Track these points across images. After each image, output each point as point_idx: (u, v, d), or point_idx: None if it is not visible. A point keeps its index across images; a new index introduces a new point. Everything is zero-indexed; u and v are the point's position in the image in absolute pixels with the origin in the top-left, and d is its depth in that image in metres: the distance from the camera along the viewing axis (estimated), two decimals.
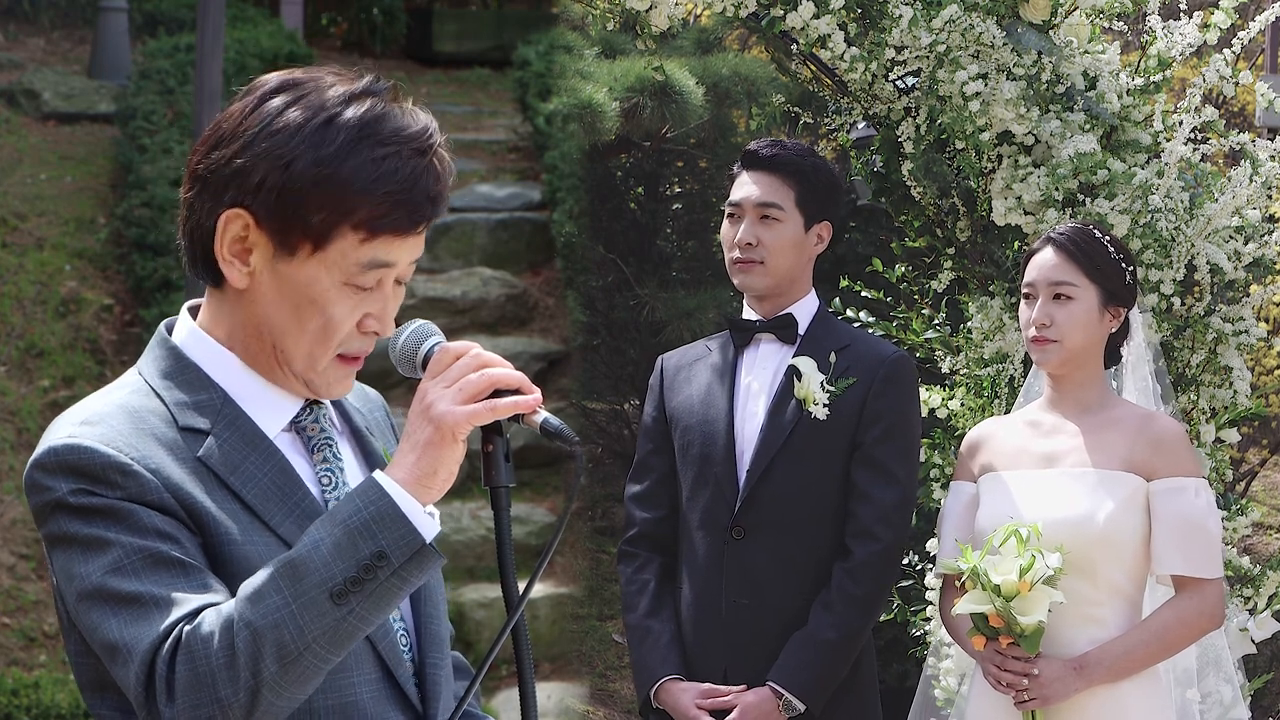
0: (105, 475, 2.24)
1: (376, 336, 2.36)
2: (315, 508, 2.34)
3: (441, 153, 2.33)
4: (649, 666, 4.23)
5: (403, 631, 2.43)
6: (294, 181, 2.27)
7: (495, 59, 14.71)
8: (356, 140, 2.27)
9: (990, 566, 3.71)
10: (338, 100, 2.30)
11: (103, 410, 2.32)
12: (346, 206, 2.27)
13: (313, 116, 2.28)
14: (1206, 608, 3.86)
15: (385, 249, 2.31)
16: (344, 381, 2.40)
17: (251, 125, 2.30)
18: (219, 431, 2.33)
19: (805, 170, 4.29)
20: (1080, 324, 3.94)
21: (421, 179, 2.29)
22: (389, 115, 2.30)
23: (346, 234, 2.28)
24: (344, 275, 2.30)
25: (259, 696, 2.16)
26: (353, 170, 2.26)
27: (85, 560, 2.23)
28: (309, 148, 2.27)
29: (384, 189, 2.27)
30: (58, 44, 14.08)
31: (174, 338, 2.42)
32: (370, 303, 2.34)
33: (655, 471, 4.37)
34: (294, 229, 2.29)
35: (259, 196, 2.28)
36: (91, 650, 2.29)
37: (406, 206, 2.29)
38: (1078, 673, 3.79)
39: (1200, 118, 4.73)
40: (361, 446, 2.50)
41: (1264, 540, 9.29)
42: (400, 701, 2.39)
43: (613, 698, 8.49)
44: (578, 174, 10.16)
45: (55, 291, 10.14)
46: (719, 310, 9.04)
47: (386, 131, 2.29)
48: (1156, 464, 3.89)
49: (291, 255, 2.30)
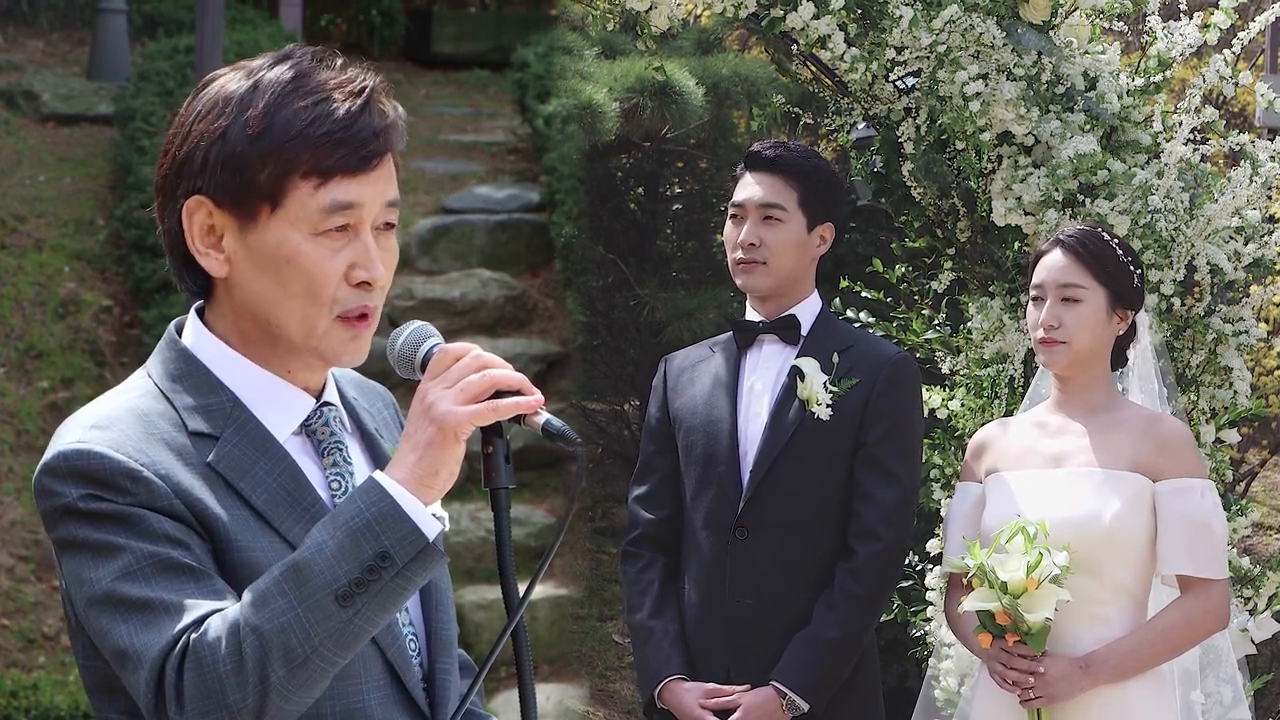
0: (115, 481, 2.23)
1: (370, 288, 2.33)
2: (325, 513, 2.33)
3: (381, 96, 2.33)
4: (653, 667, 4.23)
5: (411, 636, 2.42)
6: (231, 147, 2.27)
7: (494, 60, 14.71)
8: (284, 94, 2.28)
9: (997, 564, 3.71)
10: (261, 67, 2.32)
11: (112, 414, 2.30)
12: (288, 156, 2.27)
13: (237, 88, 2.31)
14: (1212, 608, 3.86)
15: (342, 190, 2.29)
16: (353, 344, 2.37)
17: (186, 119, 2.33)
18: (228, 436, 2.32)
19: (808, 171, 4.29)
20: (1088, 326, 3.95)
21: (360, 116, 2.29)
22: (315, 70, 2.32)
23: (298, 184, 2.28)
24: (310, 226, 2.29)
25: (267, 701, 2.16)
26: (285, 120, 2.27)
27: (95, 565, 2.22)
28: (238, 113, 2.28)
29: (320, 131, 2.27)
30: (57, 45, 14.08)
31: (183, 339, 2.40)
32: (350, 252, 2.32)
33: (658, 472, 4.37)
34: (247, 195, 2.28)
35: (206, 175, 2.29)
36: (99, 654, 2.28)
37: (350, 144, 2.28)
38: (1083, 671, 3.79)
39: (1200, 118, 4.73)
40: (371, 449, 2.49)
41: (1264, 540, 9.30)
42: (408, 707, 2.38)
43: (612, 698, 8.49)
44: (577, 175, 10.16)
45: (54, 293, 10.13)
46: (719, 310, 9.04)
47: (314, 83, 2.30)
48: (1162, 465, 3.89)
49: (254, 221, 2.29)
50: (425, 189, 11.91)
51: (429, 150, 12.64)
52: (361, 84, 2.32)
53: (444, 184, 12.01)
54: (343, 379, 2.52)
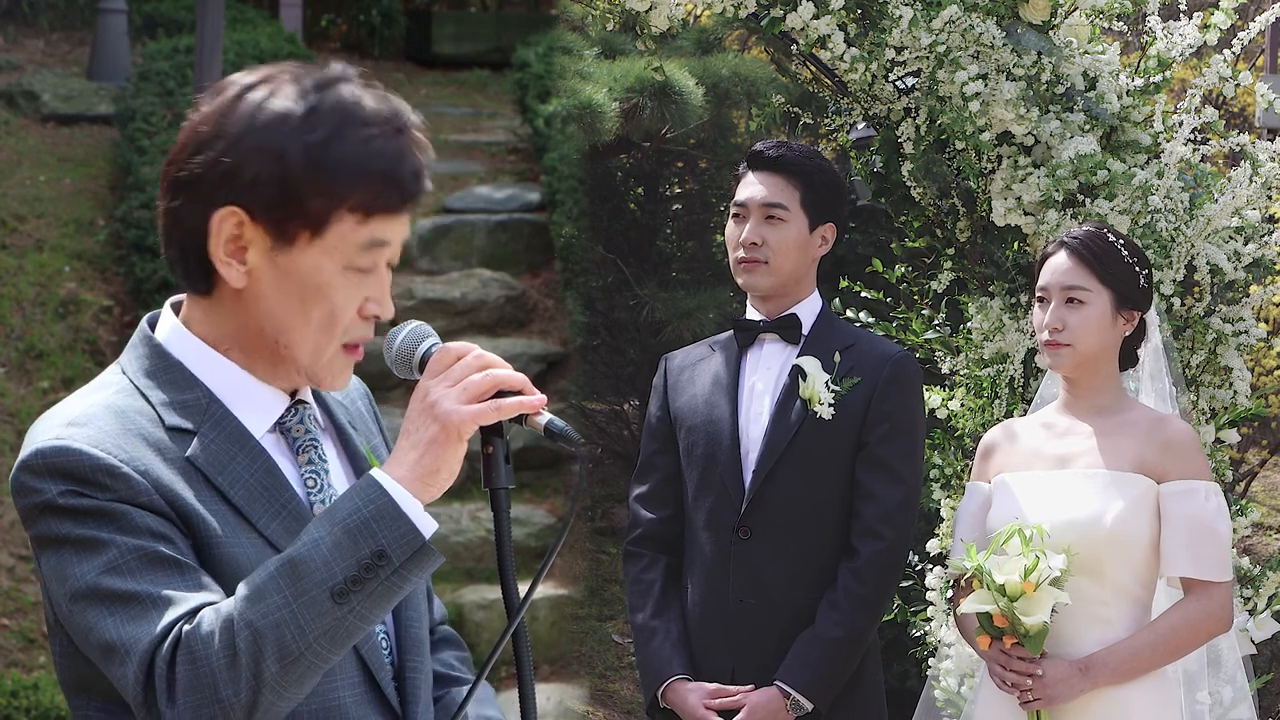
0: (94, 478, 2.22)
1: (376, 320, 2.35)
2: (301, 509, 2.34)
3: (415, 132, 2.34)
4: (656, 667, 4.23)
5: (383, 635, 2.43)
6: (289, 171, 2.27)
7: (494, 61, 14.72)
8: (341, 124, 2.28)
9: (995, 566, 3.71)
10: (315, 87, 2.31)
11: (89, 411, 2.29)
12: (342, 189, 2.27)
13: (294, 106, 2.29)
14: (1214, 610, 3.85)
15: (381, 228, 2.31)
16: (346, 372, 2.39)
17: (233, 123, 2.30)
18: (206, 431, 2.31)
19: (810, 171, 4.30)
20: (1093, 328, 3.94)
21: (406, 156, 2.31)
22: (365, 98, 2.32)
23: (344, 217, 2.28)
24: (345, 259, 2.30)
25: (260, 696, 2.15)
26: (343, 153, 2.27)
27: (79, 560, 2.21)
28: (297, 136, 2.27)
29: (376, 168, 2.28)
30: (57, 45, 14.08)
31: (157, 334, 2.40)
32: (368, 286, 2.33)
33: (660, 472, 4.37)
34: (292, 218, 2.28)
35: (254, 191, 2.27)
36: (77, 651, 2.27)
37: (397, 184, 2.30)
38: (1083, 674, 3.79)
39: (1200, 118, 4.73)
40: (345, 446, 2.49)
41: (1264, 540, 9.29)
42: (380, 704, 2.38)
43: (612, 698, 8.49)
44: (577, 175, 10.16)
45: (54, 293, 10.13)
46: (719, 310, 9.04)
47: (367, 113, 2.30)
48: (1167, 466, 3.89)
49: (290, 245, 2.29)
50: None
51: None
52: (403, 120, 2.33)
53: (444, 184, 12.01)
54: None
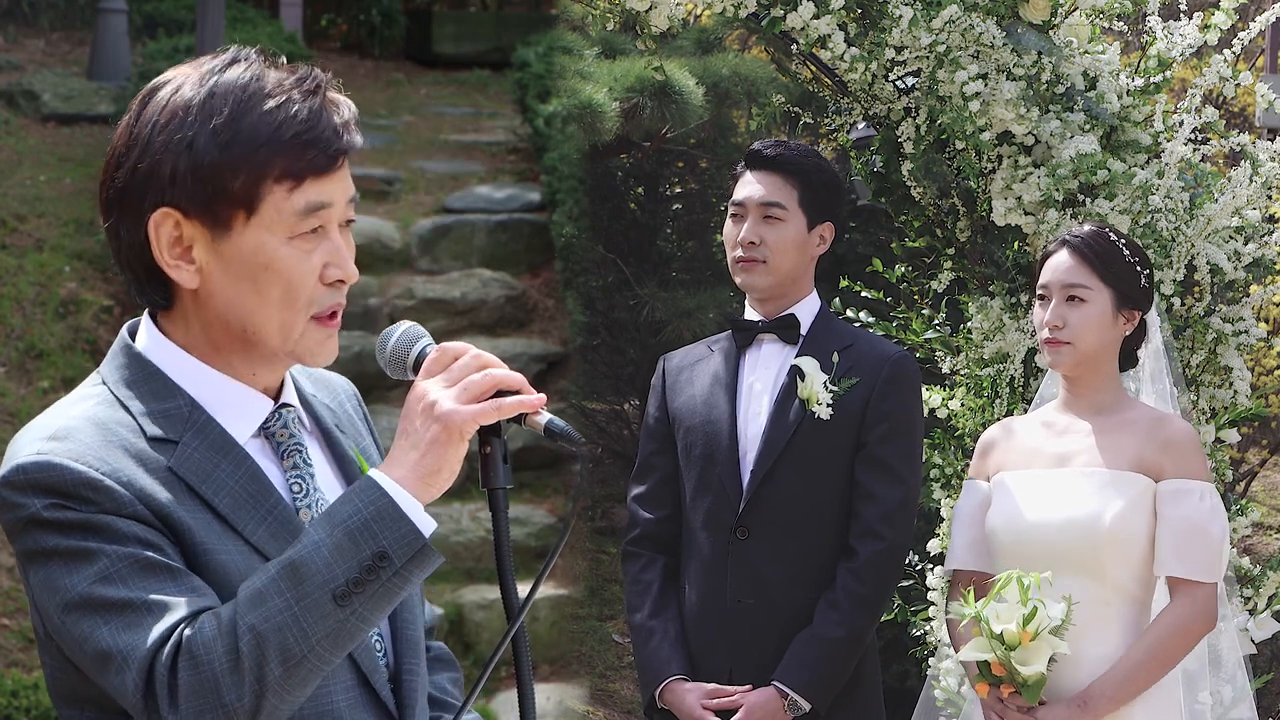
0: (78, 492, 2.20)
1: (343, 285, 2.33)
2: (287, 514, 2.32)
3: (333, 91, 2.32)
4: (654, 667, 4.23)
5: (378, 637, 2.42)
6: (202, 158, 2.26)
7: (494, 60, 14.72)
8: (244, 99, 2.27)
9: (993, 614, 3.68)
10: (212, 72, 2.30)
11: (69, 424, 2.27)
12: (260, 162, 2.26)
13: (193, 95, 2.28)
14: (1199, 610, 3.84)
15: (315, 191, 2.29)
16: (327, 344, 2.36)
17: (141, 130, 2.30)
18: (188, 440, 2.29)
19: (809, 171, 4.29)
20: (1093, 326, 3.94)
21: (321, 115, 2.29)
22: (266, 72, 2.31)
23: (272, 188, 2.27)
24: (286, 229, 2.28)
25: (263, 700, 2.15)
26: (252, 126, 2.26)
27: (69, 572, 2.19)
28: (202, 122, 2.26)
29: (289, 133, 2.26)
30: (57, 45, 14.08)
31: (137, 344, 2.39)
32: (322, 251, 2.31)
33: (658, 472, 4.37)
34: (221, 204, 2.27)
35: (176, 187, 2.27)
36: (68, 663, 2.26)
37: (316, 144, 2.27)
38: (1082, 709, 3.77)
39: (1200, 118, 4.73)
40: (332, 448, 2.47)
41: (1264, 540, 9.29)
42: (376, 708, 2.37)
43: (612, 698, 8.49)
44: (577, 175, 10.16)
45: (55, 293, 10.13)
46: (719, 310, 9.04)
47: (270, 84, 2.29)
48: (1165, 465, 3.88)
49: (229, 231, 2.28)
50: (425, 189, 11.92)
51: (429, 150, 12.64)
52: (314, 81, 2.31)
53: (444, 184, 12.01)
54: (300, 376, 2.51)
